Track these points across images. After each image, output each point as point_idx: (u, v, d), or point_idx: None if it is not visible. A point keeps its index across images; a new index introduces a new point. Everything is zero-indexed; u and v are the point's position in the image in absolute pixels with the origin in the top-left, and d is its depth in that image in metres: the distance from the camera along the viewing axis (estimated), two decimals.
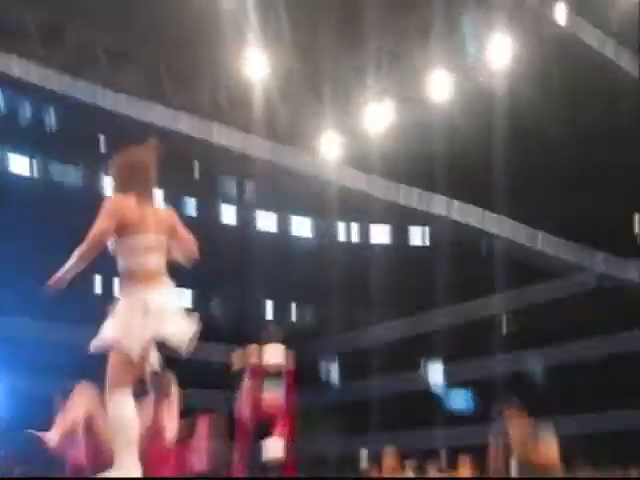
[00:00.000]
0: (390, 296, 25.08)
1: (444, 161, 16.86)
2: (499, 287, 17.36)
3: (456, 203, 14.33)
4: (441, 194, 14.46)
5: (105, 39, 14.88)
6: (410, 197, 14.36)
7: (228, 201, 30.44)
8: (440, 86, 15.23)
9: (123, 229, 3.61)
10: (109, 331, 3.56)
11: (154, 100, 12.92)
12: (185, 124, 12.34)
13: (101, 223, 3.56)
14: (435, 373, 28.46)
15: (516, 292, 16.45)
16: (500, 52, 15.00)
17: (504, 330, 26.05)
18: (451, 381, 27.44)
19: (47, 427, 4.58)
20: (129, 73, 14.68)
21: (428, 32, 14.52)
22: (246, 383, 7.12)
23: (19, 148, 21.72)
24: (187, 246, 3.89)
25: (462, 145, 17.78)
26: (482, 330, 21.40)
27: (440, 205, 14.53)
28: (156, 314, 3.56)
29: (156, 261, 3.69)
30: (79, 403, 4.46)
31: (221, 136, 12.33)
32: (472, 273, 25.37)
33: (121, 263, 3.68)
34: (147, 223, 3.66)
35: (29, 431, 4.57)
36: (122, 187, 3.76)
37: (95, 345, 3.57)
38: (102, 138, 21.24)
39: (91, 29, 14.85)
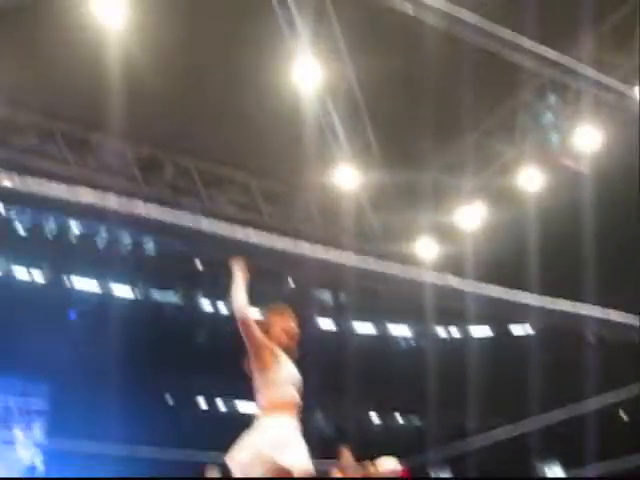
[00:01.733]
0: (496, 397, 24.30)
1: (539, 256, 16.59)
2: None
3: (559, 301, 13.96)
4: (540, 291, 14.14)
5: (201, 167, 15.71)
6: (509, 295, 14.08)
7: (324, 314, 30.68)
8: (531, 180, 15.18)
9: None
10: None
11: (248, 220, 13.37)
12: (279, 242, 12.61)
13: None
14: (556, 473, 27.06)
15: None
16: (589, 140, 14.87)
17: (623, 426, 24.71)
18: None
19: None
20: (223, 197, 15.31)
21: (514, 127, 14.66)
22: None
23: (121, 276, 22.81)
24: None
25: (557, 238, 17.52)
26: (600, 426, 20.35)
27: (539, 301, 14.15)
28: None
29: None
30: None
31: (315, 250, 12.55)
32: (582, 365, 24.38)
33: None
34: None
35: None
36: None
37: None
38: (198, 260, 22.02)
39: (187, 159, 15.76)
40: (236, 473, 3.69)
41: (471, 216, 15.81)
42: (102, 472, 17.86)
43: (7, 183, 10.37)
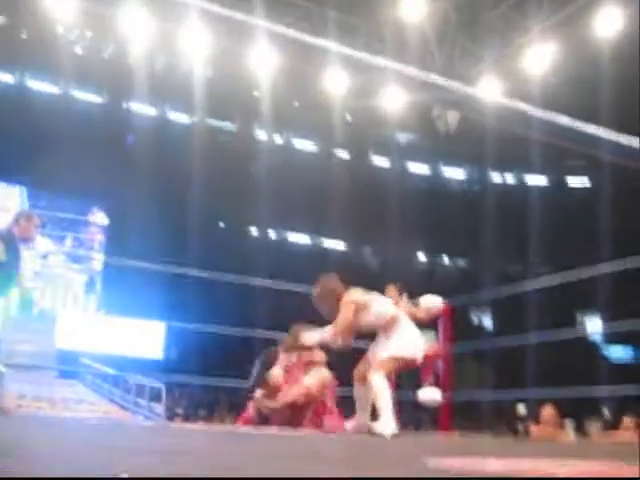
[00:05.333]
0: (547, 245, 24.28)
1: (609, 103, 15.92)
2: None
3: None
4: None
5: None
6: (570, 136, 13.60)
7: (380, 152, 30.52)
8: (608, 24, 14.24)
9: None
10: None
11: None
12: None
13: None
14: (595, 325, 27.46)
15: None
16: None
17: None
18: (612, 333, 26.38)
19: None
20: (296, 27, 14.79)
21: None
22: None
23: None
24: None
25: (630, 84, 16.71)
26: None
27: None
28: None
29: None
30: None
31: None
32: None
33: None
34: None
35: None
36: None
37: None
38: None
39: None
40: None
41: (540, 58, 15.01)
42: (154, 288, 18.71)
43: None
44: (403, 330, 4.87)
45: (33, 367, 18.12)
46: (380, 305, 4.92)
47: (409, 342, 4.85)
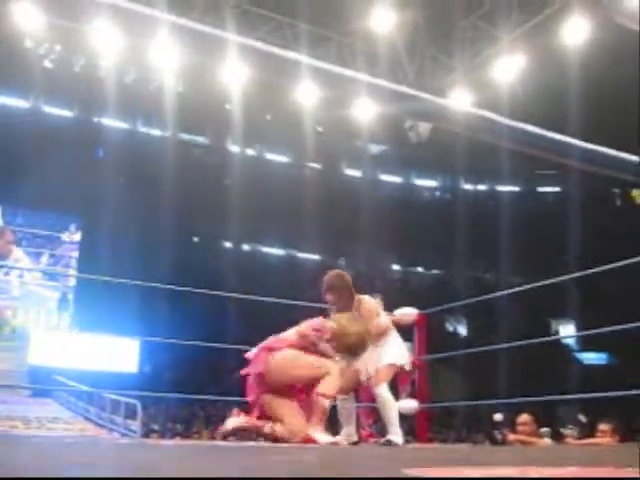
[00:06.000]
0: (519, 252, 24.51)
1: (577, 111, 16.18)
2: None
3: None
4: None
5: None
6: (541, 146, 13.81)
7: (352, 164, 30.66)
8: (575, 34, 14.45)
9: None
10: None
11: None
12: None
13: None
14: (568, 331, 27.73)
15: None
16: None
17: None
18: (585, 339, 26.66)
19: None
20: (265, 40, 14.86)
21: None
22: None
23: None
24: None
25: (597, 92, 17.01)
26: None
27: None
28: None
29: None
30: None
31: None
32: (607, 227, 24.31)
33: None
34: None
35: None
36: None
37: None
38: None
39: None
40: None
41: (509, 67, 15.21)
42: (127, 304, 18.57)
43: None
44: (394, 338, 4.97)
45: (5, 386, 17.87)
46: (383, 314, 5.03)
47: (402, 350, 4.96)
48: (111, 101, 21.36)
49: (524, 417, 7.03)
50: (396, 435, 4.65)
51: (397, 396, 6.04)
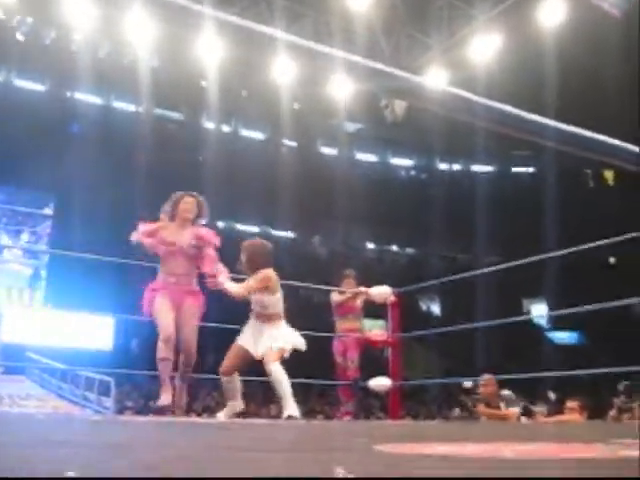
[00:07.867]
0: (494, 232, 24.67)
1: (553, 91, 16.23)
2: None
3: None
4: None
5: None
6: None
7: (328, 141, 30.56)
8: (552, 14, 14.47)
9: None
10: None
11: None
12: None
13: None
14: (540, 310, 28.05)
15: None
16: None
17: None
18: (557, 318, 26.98)
19: None
20: (241, 16, 14.71)
21: None
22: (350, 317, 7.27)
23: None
24: None
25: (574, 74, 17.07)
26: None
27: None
28: None
29: None
30: None
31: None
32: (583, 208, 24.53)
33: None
34: None
35: None
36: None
37: None
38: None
39: None
40: None
41: (485, 47, 15.21)
42: (100, 278, 18.40)
43: None
44: (282, 323, 5.17)
45: None
46: (281, 298, 5.24)
47: (293, 334, 5.14)
48: (84, 75, 21.04)
49: (486, 377, 7.13)
50: (292, 408, 4.82)
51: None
